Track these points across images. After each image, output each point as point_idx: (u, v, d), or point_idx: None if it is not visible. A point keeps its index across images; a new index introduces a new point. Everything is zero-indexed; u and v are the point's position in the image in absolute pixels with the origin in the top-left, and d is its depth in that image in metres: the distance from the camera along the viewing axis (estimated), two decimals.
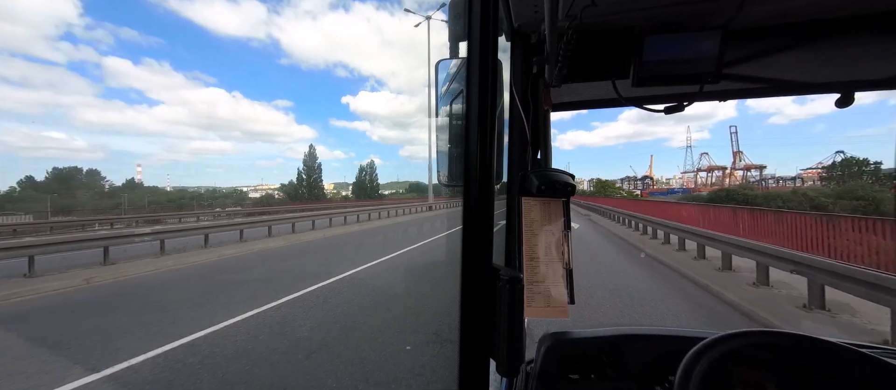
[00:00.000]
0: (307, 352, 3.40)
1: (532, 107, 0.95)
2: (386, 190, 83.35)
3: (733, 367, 0.67)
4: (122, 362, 3.26)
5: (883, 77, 0.92)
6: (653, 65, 0.75)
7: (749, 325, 4.27)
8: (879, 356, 0.63)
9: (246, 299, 5.11)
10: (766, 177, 73.27)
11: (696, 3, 0.71)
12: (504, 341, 0.68)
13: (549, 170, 0.83)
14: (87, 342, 3.74)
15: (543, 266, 0.71)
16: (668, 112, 0.89)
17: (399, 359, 3.33)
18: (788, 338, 0.66)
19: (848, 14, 0.74)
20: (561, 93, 1.08)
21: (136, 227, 15.02)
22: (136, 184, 58.91)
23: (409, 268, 7.43)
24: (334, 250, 10.02)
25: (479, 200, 0.61)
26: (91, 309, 4.96)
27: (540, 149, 0.99)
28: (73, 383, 2.93)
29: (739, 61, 0.81)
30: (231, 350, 3.50)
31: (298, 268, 7.36)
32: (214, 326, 4.09)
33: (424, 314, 4.58)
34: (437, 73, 0.81)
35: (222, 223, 13.36)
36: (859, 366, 0.63)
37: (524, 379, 0.86)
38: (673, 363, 0.67)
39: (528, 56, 0.93)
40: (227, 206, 36.87)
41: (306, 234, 13.37)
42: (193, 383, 2.91)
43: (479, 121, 0.60)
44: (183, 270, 7.50)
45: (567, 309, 0.71)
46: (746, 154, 75.40)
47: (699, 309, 4.91)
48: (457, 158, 0.75)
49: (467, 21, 0.61)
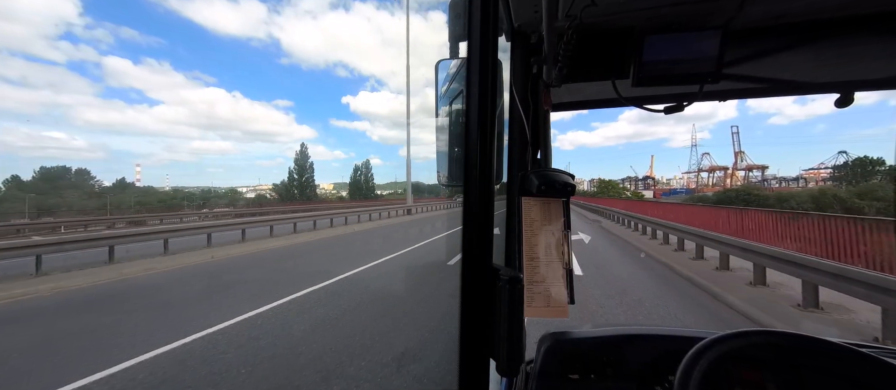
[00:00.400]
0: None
1: (532, 107, 0.96)
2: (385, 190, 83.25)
3: (733, 367, 0.67)
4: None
5: (883, 77, 0.93)
6: (653, 65, 0.76)
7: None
8: (879, 356, 0.64)
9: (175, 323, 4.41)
10: (767, 178, 73.66)
11: (696, 3, 0.72)
12: (504, 341, 0.69)
13: (549, 170, 0.84)
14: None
15: (543, 266, 0.72)
16: (668, 112, 0.90)
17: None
18: (788, 338, 0.67)
19: (848, 14, 0.75)
20: (561, 93, 1.09)
21: (90, 232, 14.15)
22: (126, 185, 58.35)
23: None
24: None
25: (479, 200, 0.62)
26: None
27: (540, 149, 1.00)
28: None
29: (739, 61, 0.82)
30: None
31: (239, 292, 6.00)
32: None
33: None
34: (437, 73, 0.82)
35: (188, 226, 12.46)
36: (859, 366, 0.63)
37: (524, 379, 0.87)
38: (673, 363, 0.68)
39: (527, 56, 0.94)
40: (214, 208, 36.18)
41: (272, 241, 12.11)
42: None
43: (479, 121, 0.61)
44: (122, 283, 6.71)
45: (567, 309, 0.72)
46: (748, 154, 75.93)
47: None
48: (457, 158, 0.76)
49: (467, 21, 0.62)
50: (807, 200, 21.11)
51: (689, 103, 0.88)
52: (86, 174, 55.47)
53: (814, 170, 75.28)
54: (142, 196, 49.12)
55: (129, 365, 3.39)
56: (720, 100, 1.04)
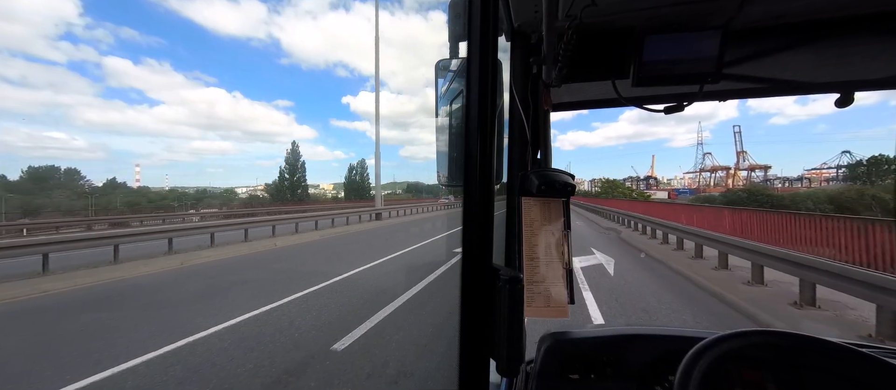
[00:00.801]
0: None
1: (532, 107, 0.97)
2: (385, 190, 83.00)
3: (733, 367, 0.68)
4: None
5: (883, 77, 0.94)
6: (653, 65, 0.77)
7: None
8: (879, 356, 0.65)
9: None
10: (770, 178, 73.99)
11: (696, 3, 0.73)
12: (504, 341, 0.69)
13: (549, 169, 0.85)
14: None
15: (543, 266, 0.73)
16: (668, 112, 0.91)
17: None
18: (788, 338, 0.68)
19: (848, 14, 0.76)
20: (561, 93, 1.10)
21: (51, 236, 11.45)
22: (117, 185, 58.02)
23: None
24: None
25: (479, 200, 0.63)
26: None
27: (540, 149, 1.01)
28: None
29: (739, 61, 0.83)
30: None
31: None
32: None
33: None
34: (437, 73, 0.83)
35: (151, 230, 10.84)
36: (859, 366, 0.64)
37: (524, 378, 0.88)
38: (673, 363, 0.69)
39: (527, 56, 0.95)
40: (201, 209, 35.31)
41: (235, 247, 10.82)
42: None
43: (479, 121, 0.62)
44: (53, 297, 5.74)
45: (567, 309, 0.73)
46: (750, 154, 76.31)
47: None
48: (457, 158, 0.77)
49: (467, 21, 0.63)
50: (825, 201, 20.33)
51: (689, 103, 0.90)
52: (75, 174, 55.25)
53: (817, 170, 75.83)
54: (132, 196, 48.82)
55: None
56: (720, 100, 1.06)
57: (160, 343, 3.89)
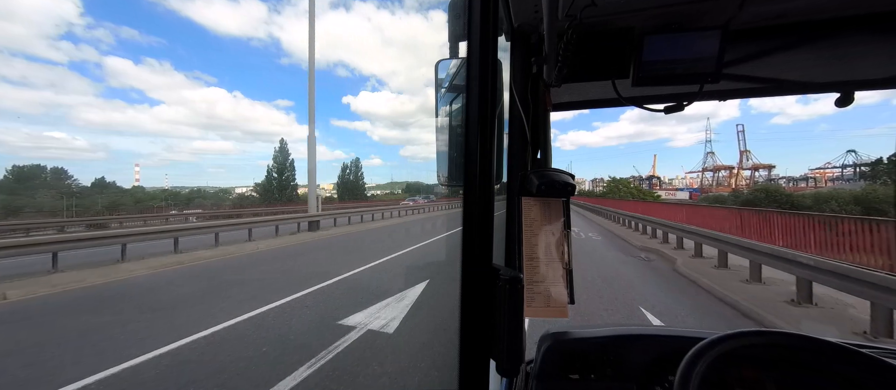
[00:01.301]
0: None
1: (532, 107, 0.98)
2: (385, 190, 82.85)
3: (733, 367, 0.69)
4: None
5: (883, 77, 0.95)
6: (653, 65, 0.78)
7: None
8: (879, 356, 0.66)
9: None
10: (774, 178, 74.32)
11: (696, 3, 0.74)
12: (504, 341, 0.70)
13: (549, 169, 0.86)
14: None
15: (543, 266, 0.75)
16: (668, 112, 0.92)
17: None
18: (788, 338, 0.69)
19: (848, 14, 0.77)
20: (561, 93, 1.12)
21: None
22: (106, 184, 57.34)
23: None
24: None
25: (479, 200, 0.64)
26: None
27: (540, 149, 1.02)
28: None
29: (739, 61, 0.85)
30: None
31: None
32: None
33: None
34: (437, 73, 0.84)
35: (118, 233, 9.46)
36: (859, 366, 0.65)
37: (524, 378, 0.90)
38: (673, 363, 0.70)
39: (527, 56, 0.96)
40: (186, 210, 34.67)
41: (204, 252, 9.68)
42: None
43: (479, 121, 0.63)
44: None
45: (567, 309, 0.74)
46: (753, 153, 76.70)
47: None
48: (457, 158, 0.78)
49: (467, 21, 0.64)
50: (850, 201, 19.26)
51: (689, 103, 0.91)
52: (62, 173, 54.63)
53: (820, 169, 76.23)
54: (120, 196, 48.30)
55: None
56: (720, 100, 1.08)
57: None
